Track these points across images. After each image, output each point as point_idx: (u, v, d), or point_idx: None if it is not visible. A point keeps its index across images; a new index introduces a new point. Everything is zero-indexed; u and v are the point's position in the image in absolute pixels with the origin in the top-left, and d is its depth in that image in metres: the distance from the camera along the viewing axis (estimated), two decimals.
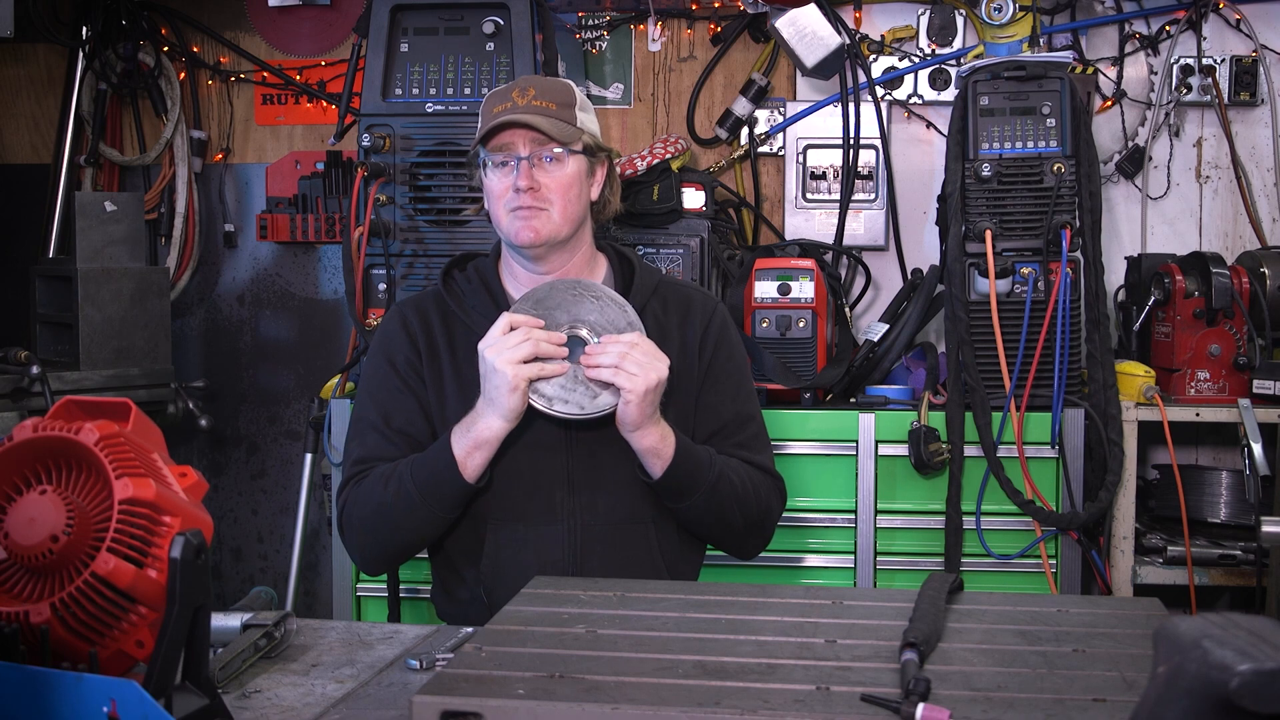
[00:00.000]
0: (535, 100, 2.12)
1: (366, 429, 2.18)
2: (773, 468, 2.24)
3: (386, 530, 2.12)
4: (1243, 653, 0.85)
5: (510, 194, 2.12)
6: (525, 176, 2.10)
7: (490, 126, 2.11)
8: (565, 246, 2.18)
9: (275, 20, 4.07)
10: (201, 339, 4.21)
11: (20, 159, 4.23)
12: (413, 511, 2.08)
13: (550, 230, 2.13)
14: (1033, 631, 1.57)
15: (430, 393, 2.18)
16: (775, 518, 2.24)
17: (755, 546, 2.27)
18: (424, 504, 2.07)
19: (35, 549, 1.31)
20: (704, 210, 3.40)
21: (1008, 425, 3.01)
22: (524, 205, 2.11)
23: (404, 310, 2.25)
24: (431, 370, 2.19)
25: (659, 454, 2.05)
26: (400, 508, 2.08)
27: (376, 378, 2.21)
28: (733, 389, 2.23)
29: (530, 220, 2.11)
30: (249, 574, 4.23)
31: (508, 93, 2.15)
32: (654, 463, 2.06)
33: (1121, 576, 3.09)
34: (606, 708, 1.28)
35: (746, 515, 2.16)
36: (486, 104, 2.18)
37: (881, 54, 3.72)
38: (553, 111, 2.12)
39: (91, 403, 1.46)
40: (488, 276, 2.24)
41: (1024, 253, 3.05)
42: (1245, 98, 3.63)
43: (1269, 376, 3.09)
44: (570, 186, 2.14)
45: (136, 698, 1.19)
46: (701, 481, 2.08)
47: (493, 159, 2.14)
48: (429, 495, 2.06)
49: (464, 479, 2.04)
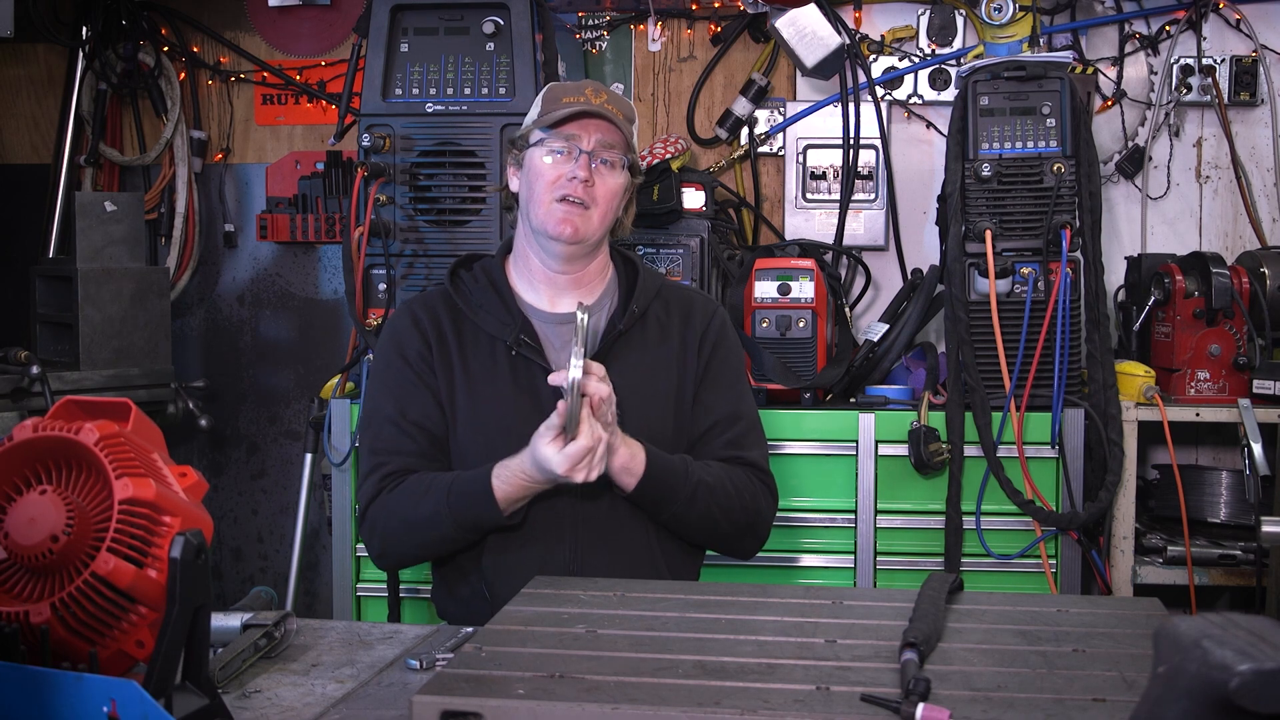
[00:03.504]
0: (608, 105, 2.15)
1: (382, 421, 2.19)
2: (765, 465, 2.24)
3: (413, 545, 2.16)
4: (1243, 653, 0.85)
5: (563, 181, 2.13)
6: (584, 168, 2.13)
7: (568, 113, 2.12)
8: (588, 253, 2.21)
9: (275, 20, 4.07)
10: (201, 339, 4.21)
11: (20, 159, 4.23)
12: (445, 540, 2.12)
13: (587, 231, 2.15)
14: (1033, 631, 1.57)
15: (442, 386, 2.19)
16: (767, 518, 2.24)
17: (750, 548, 2.28)
18: (457, 531, 2.10)
19: (35, 549, 1.31)
20: (704, 210, 3.40)
21: (1008, 425, 3.01)
22: (575, 195, 2.12)
23: (413, 307, 2.26)
24: (442, 365, 2.20)
25: (630, 470, 2.07)
26: (431, 530, 2.10)
27: (389, 372, 2.22)
28: (727, 387, 2.25)
29: (573, 215, 2.13)
30: (249, 574, 4.23)
31: (580, 88, 2.17)
32: (626, 480, 2.08)
33: (1121, 576, 3.09)
34: (606, 708, 1.28)
35: (733, 520, 2.17)
36: (552, 92, 2.19)
37: (881, 54, 3.72)
38: (621, 120, 2.15)
39: (91, 403, 1.46)
40: (495, 276, 2.25)
41: (1024, 253, 3.05)
42: (1245, 98, 3.63)
43: (1269, 376, 3.09)
44: (614, 195, 2.18)
45: (136, 698, 1.19)
46: (678, 492, 2.10)
47: (554, 143, 2.14)
48: (464, 524, 2.09)
49: (501, 513, 2.07)
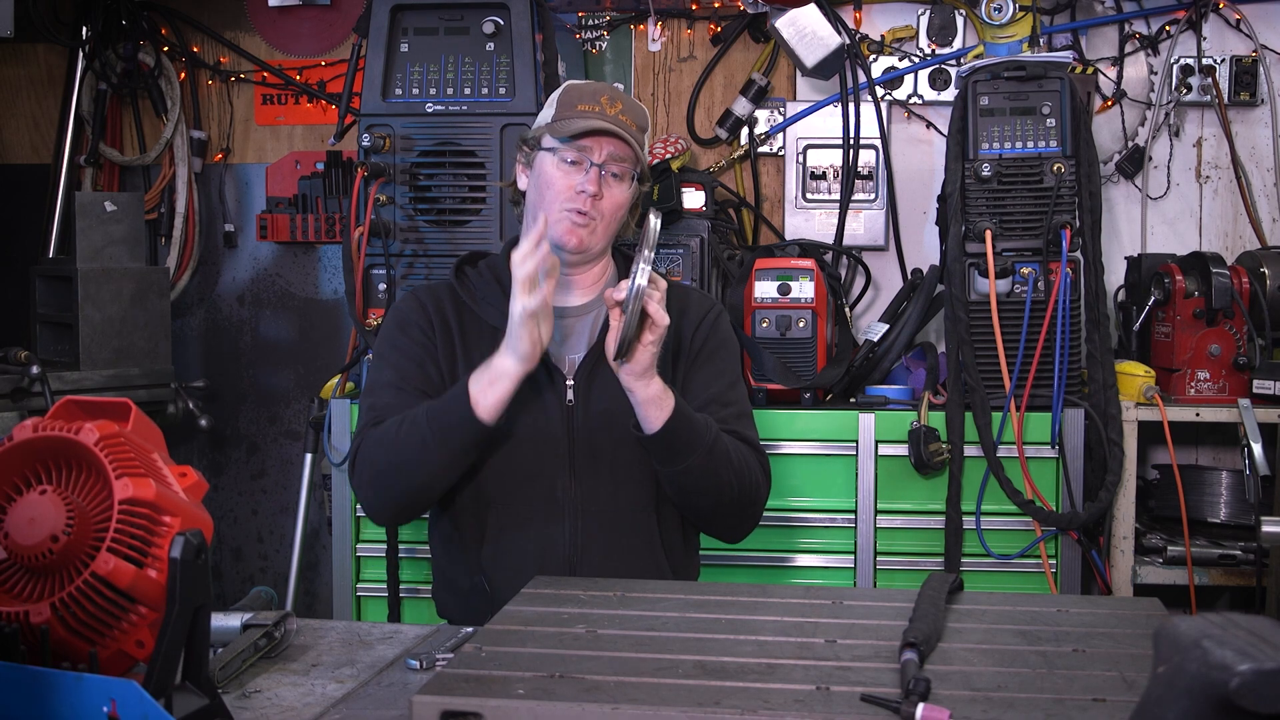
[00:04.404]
0: (622, 115, 2.16)
1: (382, 387, 2.18)
2: (759, 445, 2.24)
3: (395, 471, 2.09)
4: (1243, 653, 0.85)
5: (572, 193, 2.14)
6: (595, 182, 2.14)
7: (585, 128, 2.12)
8: (593, 259, 2.23)
9: (275, 20, 4.07)
10: (201, 339, 4.21)
11: (20, 159, 4.23)
12: (425, 449, 2.05)
13: (592, 243, 2.18)
14: (1033, 631, 1.57)
15: (444, 364, 2.20)
16: (764, 496, 2.23)
17: (746, 526, 2.26)
18: (437, 442, 2.04)
19: (35, 549, 1.31)
20: (704, 210, 3.40)
21: (1008, 425, 3.01)
22: (583, 210, 2.14)
23: (418, 293, 2.29)
24: (445, 349, 2.21)
25: (661, 405, 2.03)
26: (412, 446, 2.05)
27: (393, 345, 2.23)
28: (717, 374, 2.24)
29: (580, 228, 2.15)
30: (249, 574, 4.23)
31: (596, 95, 2.17)
32: (655, 414, 2.03)
33: (1121, 576, 3.09)
34: (606, 708, 1.28)
35: (742, 485, 2.14)
36: (567, 95, 2.19)
37: (881, 54, 3.72)
38: (633, 133, 2.16)
39: (91, 403, 1.46)
40: (500, 273, 2.25)
41: (1024, 253, 3.05)
42: (1245, 98, 3.63)
43: (1269, 376, 3.09)
44: (620, 208, 2.19)
45: (136, 698, 1.19)
46: (700, 441, 2.07)
47: (566, 153, 2.15)
48: (442, 431, 2.04)
49: (476, 416, 2.02)
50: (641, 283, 1.89)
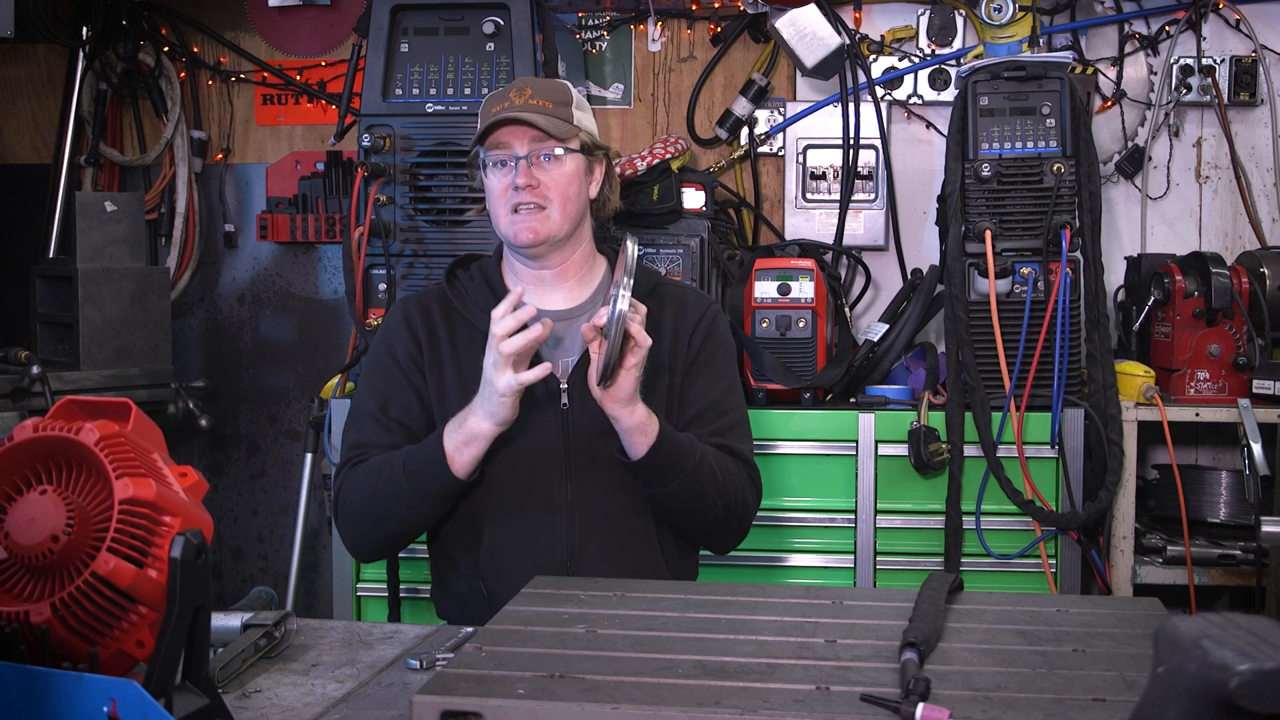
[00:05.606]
0: (532, 99, 2.15)
1: (364, 417, 2.21)
2: (750, 458, 2.24)
3: (375, 518, 2.14)
4: (1243, 653, 0.85)
5: (510, 192, 2.14)
6: (524, 174, 2.13)
7: (488, 124, 2.13)
8: (565, 244, 2.20)
9: (275, 20, 4.07)
10: (201, 339, 4.21)
11: (20, 159, 4.23)
12: (401, 501, 2.10)
13: (549, 229, 2.15)
14: (1033, 631, 1.57)
15: (430, 385, 2.20)
16: (753, 510, 2.23)
17: (731, 540, 2.26)
18: (413, 494, 2.08)
19: (35, 549, 1.31)
20: (704, 210, 3.40)
21: (1007, 425, 3.01)
22: (523, 203, 2.13)
23: (407, 305, 2.28)
24: (432, 363, 2.21)
25: (645, 431, 2.04)
26: (390, 496, 2.10)
27: (377, 369, 2.24)
28: (715, 379, 2.24)
29: (529, 220, 2.13)
30: (249, 574, 4.23)
31: (505, 93, 2.18)
32: (640, 440, 2.04)
33: (1121, 576, 3.09)
34: (606, 708, 1.28)
35: (726, 504, 2.15)
36: (485, 105, 2.21)
37: (881, 54, 3.72)
38: (549, 110, 2.14)
39: (91, 403, 1.46)
40: (490, 275, 2.26)
41: (1024, 253, 3.05)
42: (1245, 98, 3.63)
43: (1269, 376, 3.09)
44: (569, 185, 2.16)
45: (136, 698, 1.19)
46: (684, 464, 2.07)
47: (491, 158, 2.16)
48: (418, 486, 2.08)
49: (452, 473, 2.06)
50: (623, 307, 1.89)
